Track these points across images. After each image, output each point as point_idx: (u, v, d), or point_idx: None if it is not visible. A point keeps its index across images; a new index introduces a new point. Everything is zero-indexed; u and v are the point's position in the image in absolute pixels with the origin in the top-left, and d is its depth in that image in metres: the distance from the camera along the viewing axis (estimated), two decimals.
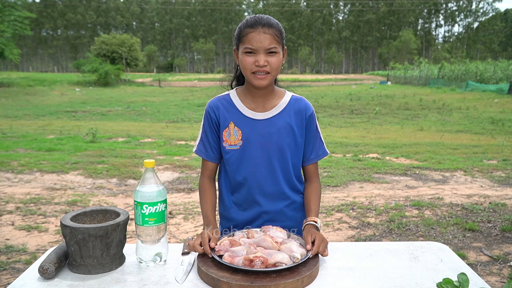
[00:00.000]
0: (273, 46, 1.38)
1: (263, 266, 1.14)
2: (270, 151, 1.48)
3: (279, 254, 1.18)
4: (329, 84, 38.43)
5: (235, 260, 1.17)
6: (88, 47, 59.22)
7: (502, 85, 22.71)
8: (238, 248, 1.22)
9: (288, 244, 1.26)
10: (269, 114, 1.48)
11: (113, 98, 22.04)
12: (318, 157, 1.56)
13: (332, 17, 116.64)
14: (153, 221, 1.25)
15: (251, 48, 1.38)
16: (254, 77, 1.41)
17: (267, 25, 1.38)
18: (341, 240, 3.65)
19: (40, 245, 3.48)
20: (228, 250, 1.22)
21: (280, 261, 1.16)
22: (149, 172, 1.26)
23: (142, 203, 1.24)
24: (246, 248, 1.21)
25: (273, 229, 1.36)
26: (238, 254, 1.19)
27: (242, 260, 1.15)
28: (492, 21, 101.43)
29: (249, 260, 1.14)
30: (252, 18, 1.40)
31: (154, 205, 1.24)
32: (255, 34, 1.37)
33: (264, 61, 1.37)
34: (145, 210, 1.24)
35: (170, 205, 4.58)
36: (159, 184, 1.27)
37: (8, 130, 10.18)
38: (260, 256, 1.15)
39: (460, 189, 5.30)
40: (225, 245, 1.24)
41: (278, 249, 1.24)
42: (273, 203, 1.52)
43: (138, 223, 1.26)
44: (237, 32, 1.43)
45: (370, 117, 14.00)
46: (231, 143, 1.48)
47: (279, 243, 1.28)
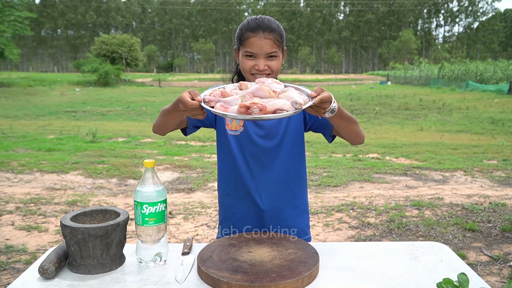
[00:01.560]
0: (274, 50, 1.39)
1: (262, 113, 1.01)
2: (271, 137, 1.49)
3: (279, 100, 1.05)
4: (329, 84, 38.44)
5: (229, 109, 1.04)
6: (88, 47, 59.25)
7: (502, 85, 22.73)
8: (231, 97, 1.08)
9: (287, 92, 1.12)
10: None
11: (113, 98, 22.04)
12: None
13: (332, 17, 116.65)
14: (153, 221, 1.25)
15: (252, 53, 1.39)
16: (253, 79, 1.42)
17: (268, 30, 1.38)
18: (341, 240, 3.65)
19: (40, 245, 3.48)
20: (219, 100, 1.08)
21: (281, 108, 1.03)
22: (149, 172, 1.26)
23: (142, 203, 1.24)
24: (241, 97, 1.08)
25: (268, 80, 1.22)
26: (231, 104, 1.06)
27: (237, 108, 1.02)
28: (492, 21, 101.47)
29: (245, 107, 1.01)
30: (253, 21, 1.40)
31: (154, 205, 1.24)
32: (256, 39, 1.37)
33: (264, 65, 1.39)
34: (145, 210, 1.24)
35: (170, 205, 4.58)
36: (159, 184, 1.27)
37: (8, 130, 10.19)
38: (258, 103, 1.02)
39: (460, 189, 5.30)
40: (216, 96, 1.11)
41: (274, 97, 1.10)
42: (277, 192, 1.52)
43: (138, 223, 1.26)
44: (238, 34, 1.43)
45: (370, 117, 14.00)
46: (232, 128, 1.50)
47: (278, 93, 1.13)
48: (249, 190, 1.50)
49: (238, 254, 1.28)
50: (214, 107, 1.08)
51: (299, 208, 1.57)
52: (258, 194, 1.51)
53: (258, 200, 1.51)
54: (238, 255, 1.26)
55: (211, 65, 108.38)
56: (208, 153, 7.65)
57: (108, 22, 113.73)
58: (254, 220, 1.54)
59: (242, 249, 1.31)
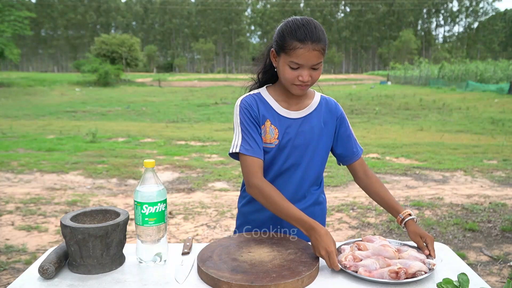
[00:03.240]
0: (319, 61, 1.33)
1: (405, 276, 1.17)
2: (303, 150, 1.47)
3: (415, 263, 1.20)
4: (329, 84, 38.41)
5: (375, 273, 1.18)
6: (88, 47, 59.19)
7: (502, 85, 22.73)
8: (369, 262, 1.22)
9: (408, 252, 1.30)
10: (303, 113, 1.46)
11: (113, 98, 22.03)
12: (360, 152, 1.58)
13: (332, 17, 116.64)
14: (153, 221, 1.25)
15: (298, 64, 1.32)
16: (294, 88, 1.38)
17: (317, 41, 1.30)
18: (341, 240, 3.64)
19: (40, 245, 3.48)
20: (359, 265, 1.21)
21: (419, 270, 1.18)
22: (149, 172, 1.26)
23: (142, 203, 1.23)
24: (376, 261, 1.22)
25: (376, 238, 1.39)
26: (371, 268, 1.20)
27: (386, 273, 1.17)
28: (492, 21, 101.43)
29: (395, 273, 1.16)
30: (301, 30, 1.29)
31: (154, 205, 1.24)
32: (304, 51, 1.29)
33: (308, 76, 1.33)
34: (145, 210, 1.23)
35: (170, 205, 4.58)
36: (159, 184, 1.26)
37: (8, 130, 10.18)
38: (403, 268, 1.17)
39: (460, 189, 5.30)
40: (349, 260, 1.24)
41: (397, 258, 1.27)
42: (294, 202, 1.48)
43: (138, 223, 1.26)
44: (282, 39, 1.33)
45: (370, 117, 14.00)
46: (266, 141, 1.44)
47: (400, 251, 1.32)
48: None
49: (238, 254, 1.28)
50: (358, 271, 1.20)
51: (319, 207, 1.60)
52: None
53: None
54: (238, 255, 1.26)
55: (211, 65, 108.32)
56: (208, 153, 7.64)
57: (108, 22, 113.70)
58: (272, 226, 1.53)
59: (242, 249, 1.31)
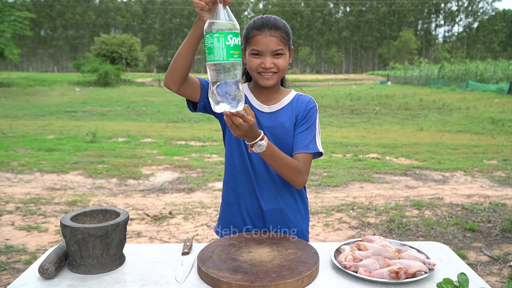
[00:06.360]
0: (280, 48, 1.39)
1: (405, 276, 1.17)
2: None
3: (415, 263, 1.21)
4: (329, 84, 38.43)
5: (375, 273, 1.19)
6: (88, 47, 59.23)
7: (502, 85, 22.72)
8: (368, 262, 1.23)
9: (408, 252, 1.31)
10: (274, 108, 1.50)
11: (113, 98, 22.03)
12: (308, 149, 1.45)
13: (332, 17, 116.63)
14: (237, 54, 1.09)
15: (258, 51, 1.39)
16: (260, 77, 1.43)
17: (274, 28, 1.38)
18: (341, 240, 3.65)
19: (40, 245, 3.48)
20: (358, 265, 1.23)
21: (419, 270, 1.19)
22: (221, 5, 1.12)
23: (226, 33, 1.06)
24: (376, 261, 1.23)
25: (376, 238, 1.40)
26: (371, 268, 1.21)
27: (386, 273, 1.18)
28: (492, 21, 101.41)
29: (395, 273, 1.17)
30: (259, 20, 1.41)
31: (237, 36, 1.07)
32: (261, 37, 1.38)
33: (270, 63, 1.39)
34: (230, 41, 1.06)
35: (170, 205, 4.58)
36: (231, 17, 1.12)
37: (8, 130, 10.18)
38: (403, 268, 1.18)
39: (460, 189, 5.30)
40: (349, 260, 1.25)
41: (397, 258, 1.28)
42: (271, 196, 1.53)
43: (219, 59, 1.07)
44: (245, 33, 1.44)
45: (370, 117, 14.00)
46: None
47: (399, 251, 1.33)
48: (254, 189, 1.51)
49: (238, 254, 1.28)
50: (357, 271, 1.21)
51: (299, 209, 1.58)
52: (261, 195, 1.51)
53: (260, 200, 1.51)
54: (238, 255, 1.26)
55: None
56: (208, 153, 7.64)
57: (108, 22, 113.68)
58: (255, 220, 1.54)
59: (242, 249, 1.31)
